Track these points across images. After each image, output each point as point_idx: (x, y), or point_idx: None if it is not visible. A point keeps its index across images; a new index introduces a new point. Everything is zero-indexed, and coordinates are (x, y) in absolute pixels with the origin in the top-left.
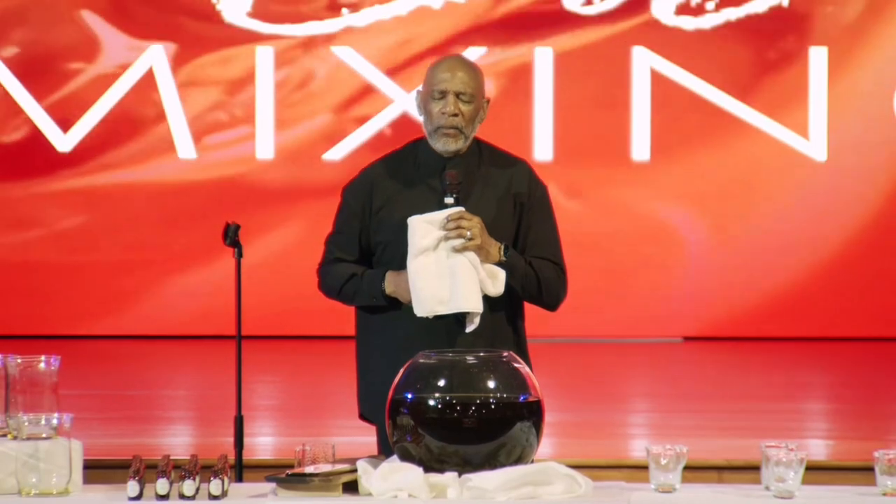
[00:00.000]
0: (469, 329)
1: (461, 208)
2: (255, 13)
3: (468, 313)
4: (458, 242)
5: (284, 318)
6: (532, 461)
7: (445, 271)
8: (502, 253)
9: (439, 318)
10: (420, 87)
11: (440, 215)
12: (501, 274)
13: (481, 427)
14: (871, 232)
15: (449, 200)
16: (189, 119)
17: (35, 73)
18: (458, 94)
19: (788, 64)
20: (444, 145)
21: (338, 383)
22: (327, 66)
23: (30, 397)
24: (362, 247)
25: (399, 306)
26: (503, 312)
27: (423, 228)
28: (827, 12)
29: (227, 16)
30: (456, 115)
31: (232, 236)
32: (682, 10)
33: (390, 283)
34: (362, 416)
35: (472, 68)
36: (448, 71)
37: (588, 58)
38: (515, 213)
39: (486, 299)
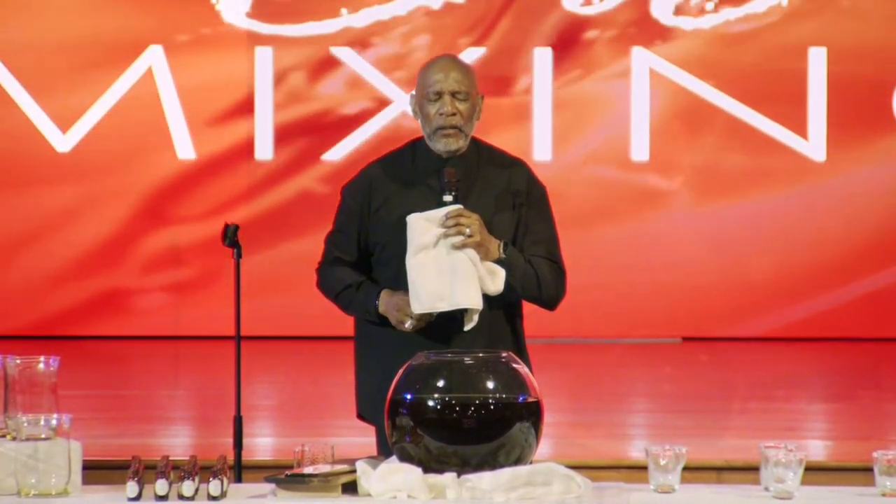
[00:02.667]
0: (468, 327)
1: (460, 206)
2: (255, 13)
3: (466, 311)
4: (458, 239)
5: (284, 319)
6: (531, 462)
7: (445, 268)
8: (501, 250)
9: (438, 318)
10: (413, 92)
11: (439, 213)
12: (501, 272)
13: (480, 427)
14: (870, 232)
15: (447, 198)
16: (188, 119)
17: (34, 73)
18: (453, 94)
19: (787, 64)
20: (445, 146)
21: (337, 384)
22: (326, 66)
23: (29, 398)
24: (361, 247)
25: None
26: (502, 312)
27: (422, 226)
28: (826, 12)
29: (227, 16)
30: (454, 114)
31: (231, 237)
32: (682, 10)
33: (383, 302)
34: (360, 416)
35: (463, 66)
36: (441, 71)
37: (587, 58)
38: (514, 213)
39: (485, 299)
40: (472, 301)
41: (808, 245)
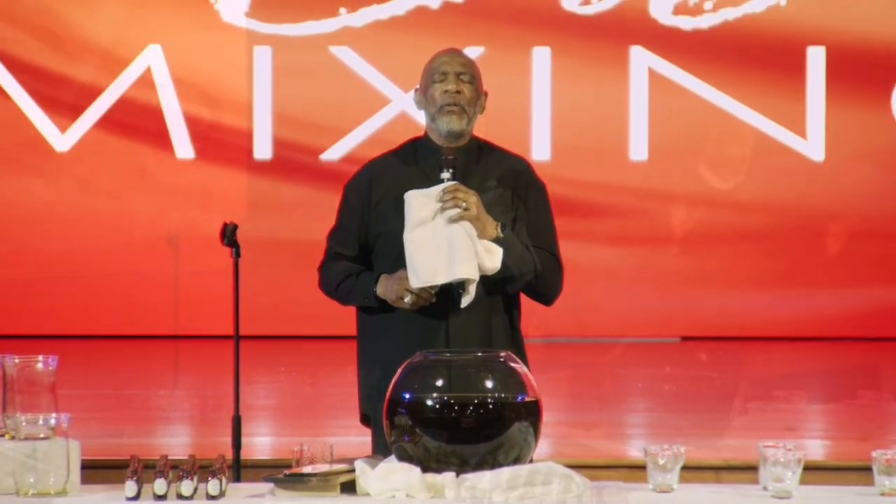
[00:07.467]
0: (465, 302)
1: (457, 182)
2: (253, 13)
3: (463, 288)
4: (455, 212)
5: (282, 318)
6: (530, 461)
7: (442, 242)
8: (499, 230)
9: (437, 319)
10: (417, 87)
11: (437, 189)
12: (498, 250)
13: (479, 427)
14: (869, 232)
15: (445, 175)
16: (187, 119)
17: (34, 72)
18: (458, 74)
19: (786, 63)
20: (448, 123)
21: (336, 383)
22: (325, 66)
23: (28, 397)
24: (361, 242)
25: (391, 309)
26: (500, 299)
27: (420, 201)
28: (825, 12)
29: (226, 16)
30: (458, 92)
31: (230, 236)
32: (680, 9)
33: (381, 285)
34: (364, 420)
35: (468, 56)
36: (447, 55)
37: (586, 58)
38: (513, 207)
39: (483, 287)
40: (469, 271)
41: (808, 245)
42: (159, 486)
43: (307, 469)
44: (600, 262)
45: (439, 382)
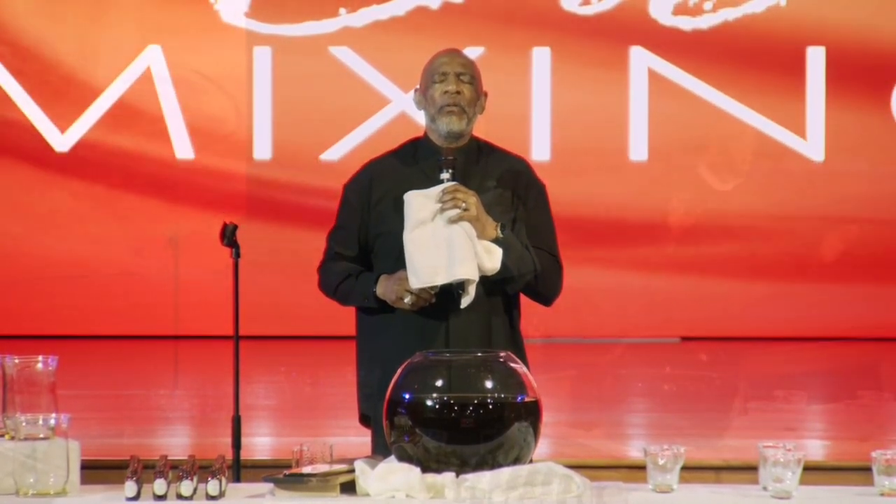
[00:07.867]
0: (465, 302)
1: (457, 183)
2: (253, 13)
3: (463, 288)
4: (454, 213)
5: (282, 319)
6: (530, 461)
7: (442, 241)
8: (499, 231)
9: (437, 319)
10: (417, 87)
11: (436, 189)
12: (497, 250)
13: (479, 427)
14: (869, 232)
15: (445, 175)
16: (186, 119)
17: (33, 72)
18: (458, 75)
19: (786, 64)
20: (447, 124)
21: (336, 383)
22: (325, 66)
23: (27, 397)
24: (361, 242)
25: (391, 310)
26: (500, 312)
27: (419, 202)
28: (825, 12)
29: (225, 16)
30: (458, 92)
31: (229, 236)
32: (680, 10)
33: (380, 286)
34: (363, 420)
35: (468, 57)
36: (447, 55)
37: (586, 58)
38: (513, 208)
39: (483, 287)
40: (469, 272)
41: (807, 245)
42: (159, 486)
43: (307, 469)
44: (600, 262)
45: (439, 382)
